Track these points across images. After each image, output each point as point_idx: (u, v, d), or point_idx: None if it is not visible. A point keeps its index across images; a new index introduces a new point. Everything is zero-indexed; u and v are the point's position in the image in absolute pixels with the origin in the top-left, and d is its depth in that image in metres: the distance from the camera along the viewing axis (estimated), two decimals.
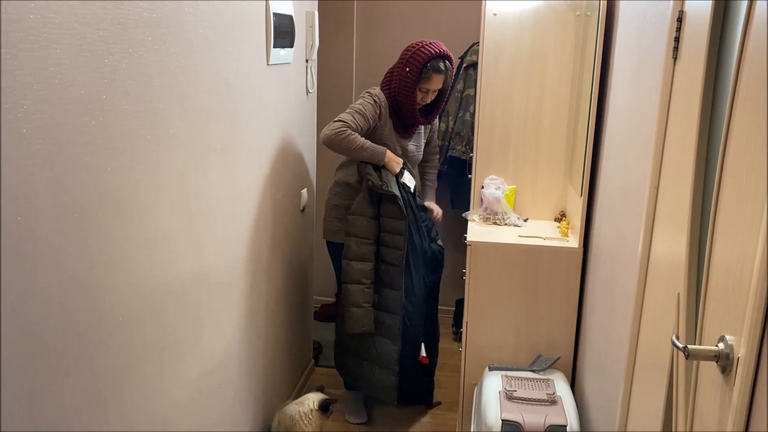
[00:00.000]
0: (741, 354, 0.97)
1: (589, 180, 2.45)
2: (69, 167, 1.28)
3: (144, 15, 1.50)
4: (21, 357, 1.19)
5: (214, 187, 1.97)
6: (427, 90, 2.74)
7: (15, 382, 1.18)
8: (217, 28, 1.90)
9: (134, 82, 1.48)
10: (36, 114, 1.18)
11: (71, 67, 1.26)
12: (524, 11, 2.73)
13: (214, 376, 2.09)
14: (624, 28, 2.15)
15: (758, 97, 1.00)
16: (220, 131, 1.99)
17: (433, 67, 2.68)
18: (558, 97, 2.78)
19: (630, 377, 1.75)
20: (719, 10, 1.28)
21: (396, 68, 2.78)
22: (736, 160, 1.08)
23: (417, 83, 2.70)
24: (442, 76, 2.73)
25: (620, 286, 1.91)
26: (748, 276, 0.96)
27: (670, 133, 1.55)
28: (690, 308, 1.29)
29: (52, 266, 1.25)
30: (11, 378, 1.17)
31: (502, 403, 2.26)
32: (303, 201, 3.00)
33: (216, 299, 2.06)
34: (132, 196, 1.51)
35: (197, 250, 1.89)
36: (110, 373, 1.48)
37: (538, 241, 2.61)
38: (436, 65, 2.69)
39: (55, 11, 1.20)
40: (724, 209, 1.11)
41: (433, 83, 2.72)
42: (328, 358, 3.53)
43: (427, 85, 2.72)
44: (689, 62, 1.43)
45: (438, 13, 3.74)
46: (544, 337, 2.64)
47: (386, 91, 2.80)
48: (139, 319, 1.59)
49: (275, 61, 2.43)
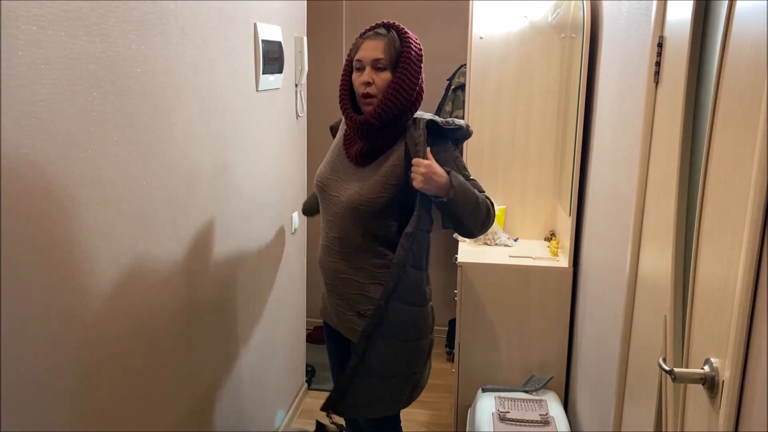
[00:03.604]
0: (726, 376, 0.98)
1: (577, 200, 2.47)
2: (58, 201, 1.29)
3: (132, 47, 1.51)
4: (9, 389, 1.19)
5: (203, 212, 1.98)
6: (360, 65, 1.79)
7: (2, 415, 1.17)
8: (205, 57, 1.92)
9: (123, 114, 1.50)
10: (24, 149, 1.18)
11: (59, 101, 1.27)
12: (510, 34, 2.77)
13: (206, 401, 2.08)
14: (607, 52, 2.19)
15: (736, 120, 1.02)
16: (209, 158, 2.00)
17: (364, 35, 1.82)
18: (545, 118, 2.81)
19: (621, 398, 1.76)
20: (697, 35, 1.31)
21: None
22: (716, 183, 1.09)
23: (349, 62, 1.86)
24: (377, 41, 1.77)
25: (609, 306, 1.92)
26: (731, 297, 0.98)
27: (654, 155, 1.57)
28: (676, 330, 1.30)
29: (42, 298, 1.25)
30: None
31: (496, 425, 2.25)
32: (294, 224, 3.01)
33: (207, 324, 2.05)
34: (122, 227, 1.52)
35: (187, 276, 1.89)
36: (100, 403, 1.47)
37: (529, 261, 2.63)
38: (369, 32, 1.81)
39: (43, 47, 1.21)
40: (707, 231, 1.13)
41: (362, 50, 1.79)
42: (320, 380, 3.52)
43: (357, 56, 1.80)
44: (670, 86, 1.46)
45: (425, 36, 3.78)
46: (537, 357, 2.65)
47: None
48: (130, 348, 1.59)
49: (264, 87, 2.45)
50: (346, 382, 1.81)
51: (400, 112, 1.77)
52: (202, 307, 2.00)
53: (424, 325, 1.89)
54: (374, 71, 1.76)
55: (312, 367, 3.57)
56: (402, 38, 1.78)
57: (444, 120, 1.83)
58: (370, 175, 1.82)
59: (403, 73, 1.75)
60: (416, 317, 1.86)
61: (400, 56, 1.76)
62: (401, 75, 1.75)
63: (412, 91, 1.77)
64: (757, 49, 0.94)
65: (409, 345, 1.86)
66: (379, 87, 1.76)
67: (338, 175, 1.89)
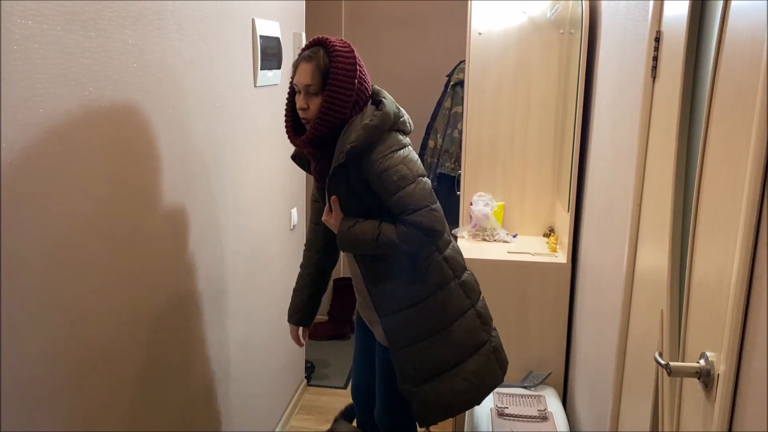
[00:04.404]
0: (721, 370, 0.98)
1: (575, 196, 2.47)
2: (54, 195, 1.29)
3: (129, 42, 1.51)
4: (4, 386, 1.19)
5: (201, 208, 1.98)
6: (297, 88, 1.79)
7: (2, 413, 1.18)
8: (203, 52, 1.92)
9: (120, 109, 1.50)
10: (20, 143, 1.18)
11: (55, 96, 1.27)
12: (509, 30, 2.77)
13: (205, 396, 2.08)
14: (606, 47, 2.18)
15: (731, 117, 1.01)
16: (207, 153, 2.00)
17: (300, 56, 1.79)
18: (544, 114, 2.81)
19: (618, 393, 1.76)
20: (694, 30, 1.30)
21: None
22: (712, 179, 1.09)
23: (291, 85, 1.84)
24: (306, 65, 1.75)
25: (607, 302, 1.92)
26: (726, 293, 0.98)
27: (651, 150, 1.57)
28: (673, 325, 1.30)
29: (37, 295, 1.26)
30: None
31: (494, 421, 2.25)
32: (293, 220, 3.01)
33: (205, 321, 2.05)
34: (117, 222, 1.52)
35: (185, 272, 1.89)
36: (96, 400, 1.48)
37: (527, 257, 2.63)
38: (304, 53, 1.78)
39: (38, 42, 1.21)
40: (703, 226, 1.13)
41: (296, 75, 1.78)
42: (320, 377, 3.52)
43: (294, 80, 1.79)
44: (667, 81, 1.45)
45: (425, 32, 3.78)
46: (535, 353, 2.65)
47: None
48: (126, 345, 1.59)
49: (263, 83, 2.45)
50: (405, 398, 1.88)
51: (337, 126, 1.75)
52: (200, 302, 2.00)
53: (446, 311, 1.86)
54: (307, 96, 1.76)
55: (311, 364, 3.58)
56: (330, 56, 1.73)
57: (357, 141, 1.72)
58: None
59: (330, 95, 1.72)
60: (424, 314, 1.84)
61: (329, 78, 1.72)
62: (329, 96, 1.72)
63: (344, 106, 1.73)
64: (753, 44, 0.93)
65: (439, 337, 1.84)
66: (312, 111, 1.76)
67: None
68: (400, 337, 1.84)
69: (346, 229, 1.80)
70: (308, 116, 1.77)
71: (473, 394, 1.92)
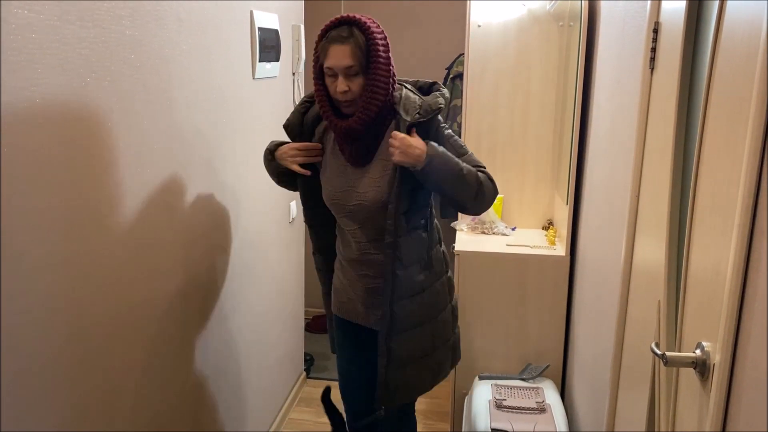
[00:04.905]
0: (716, 360, 0.99)
1: (574, 188, 2.47)
2: (51, 185, 1.29)
3: (126, 33, 1.51)
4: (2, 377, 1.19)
5: (200, 200, 1.98)
6: (332, 72, 1.72)
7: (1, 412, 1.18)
8: (201, 44, 1.92)
9: (117, 100, 1.49)
10: (18, 134, 1.18)
11: (53, 86, 1.27)
12: (508, 22, 2.76)
13: (205, 389, 2.09)
14: (605, 39, 2.18)
15: (729, 107, 1.01)
16: (205, 145, 2.00)
17: (329, 38, 1.72)
18: (543, 107, 2.80)
19: (615, 385, 1.76)
20: (692, 21, 1.30)
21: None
22: (709, 171, 1.09)
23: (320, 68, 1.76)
24: (344, 46, 1.69)
25: (605, 294, 1.93)
26: (722, 284, 0.98)
27: (649, 142, 1.57)
28: (670, 316, 1.30)
29: (33, 285, 1.26)
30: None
31: (492, 412, 2.26)
32: (292, 213, 3.01)
33: (203, 314, 2.06)
34: (116, 212, 1.52)
35: (183, 264, 1.89)
36: (96, 391, 1.48)
37: (526, 250, 2.63)
38: (333, 34, 1.72)
39: (36, 32, 1.21)
40: (699, 218, 1.13)
41: (332, 57, 1.70)
42: (319, 369, 3.53)
43: (327, 63, 1.71)
44: (666, 72, 1.45)
45: (424, 25, 3.77)
46: (534, 346, 2.65)
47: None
48: (125, 339, 1.60)
49: (261, 75, 2.45)
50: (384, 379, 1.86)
51: (381, 107, 1.75)
52: (198, 295, 2.01)
53: (438, 301, 1.92)
54: (347, 78, 1.71)
55: (311, 356, 3.59)
56: (366, 36, 1.71)
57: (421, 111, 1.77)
58: (380, 172, 1.81)
59: (375, 75, 1.71)
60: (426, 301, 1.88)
61: (369, 57, 1.71)
62: (374, 77, 1.71)
63: (387, 86, 1.74)
64: (750, 35, 0.93)
65: (428, 325, 1.90)
66: (356, 92, 1.72)
67: (348, 184, 1.85)
68: (403, 322, 1.84)
69: (436, 151, 1.72)
70: (351, 98, 1.73)
71: (429, 384, 1.98)
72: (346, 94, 1.72)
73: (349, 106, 1.75)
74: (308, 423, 3.04)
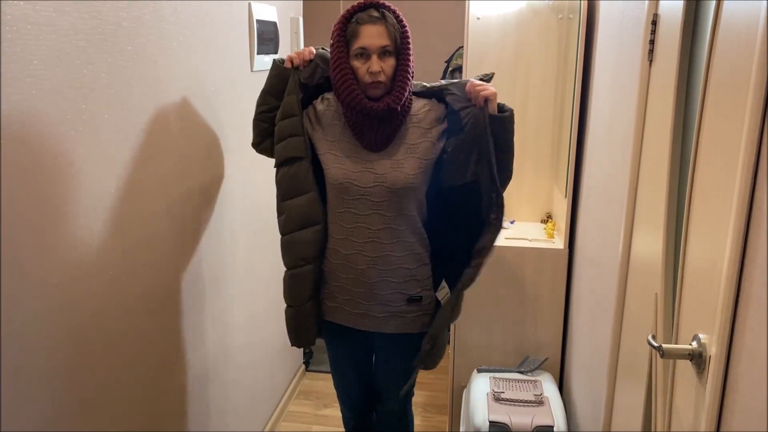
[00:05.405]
0: (713, 352, 0.99)
1: (573, 181, 2.47)
2: (48, 177, 1.29)
3: (123, 24, 1.50)
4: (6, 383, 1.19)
5: (198, 193, 1.98)
6: (365, 52, 1.72)
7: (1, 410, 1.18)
8: (198, 36, 1.91)
9: (114, 92, 1.49)
10: (14, 125, 1.18)
11: (49, 77, 1.26)
12: (507, 15, 2.75)
13: (203, 382, 2.09)
14: (604, 31, 2.17)
15: (726, 99, 1.01)
16: (203, 138, 2.00)
17: (359, 19, 1.73)
18: (542, 100, 2.80)
19: (613, 377, 1.77)
20: (690, 12, 1.30)
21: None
22: (706, 163, 1.09)
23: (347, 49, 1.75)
24: (378, 26, 1.71)
25: (603, 287, 1.93)
26: (718, 276, 0.98)
27: (647, 135, 1.57)
28: (667, 308, 1.31)
29: (29, 276, 1.26)
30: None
31: (490, 405, 2.27)
32: None
33: (203, 306, 2.06)
34: (114, 204, 1.52)
35: (182, 257, 1.89)
36: (93, 383, 1.48)
37: (525, 243, 2.63)
38: (363, 16, 1.73)
39: (31, 23, 1.20)
40: (696, 211, 1.13)
41: (366, 37, 1.71)
42: (318, 362, 3.54)
43: (359, 43, 1.72)
44: (664, 64, 1.45)
45: (423, 18, 3.76)
46: (532, 338, 2.66)
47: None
48: (124, 332, 1.60)
49: (259, 67, 2.44)
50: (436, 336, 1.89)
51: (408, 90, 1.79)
52: (198, 288, 2.01)
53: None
54: (380, 58, 1.72)
55: (310, 349, 3.59)
56: (397, 19, 1.76)
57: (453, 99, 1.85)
58: (403, 155, 1.80)
59: (407, 57, 1.76)
60: None
61: (403, 39, 1.75)
62: (406, 59, 1.75)
63: (412, 70, 1.80)
64: (748, 27, 0.93)
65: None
66: (388, 74, 1.73)
67: (364, 165, 1.81)
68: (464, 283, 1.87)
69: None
70: (384, 78, 1.73)
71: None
72: (379, 74, 1.71)
73: (376, 88, 1.73)
74: (307, 416, 3.05)
